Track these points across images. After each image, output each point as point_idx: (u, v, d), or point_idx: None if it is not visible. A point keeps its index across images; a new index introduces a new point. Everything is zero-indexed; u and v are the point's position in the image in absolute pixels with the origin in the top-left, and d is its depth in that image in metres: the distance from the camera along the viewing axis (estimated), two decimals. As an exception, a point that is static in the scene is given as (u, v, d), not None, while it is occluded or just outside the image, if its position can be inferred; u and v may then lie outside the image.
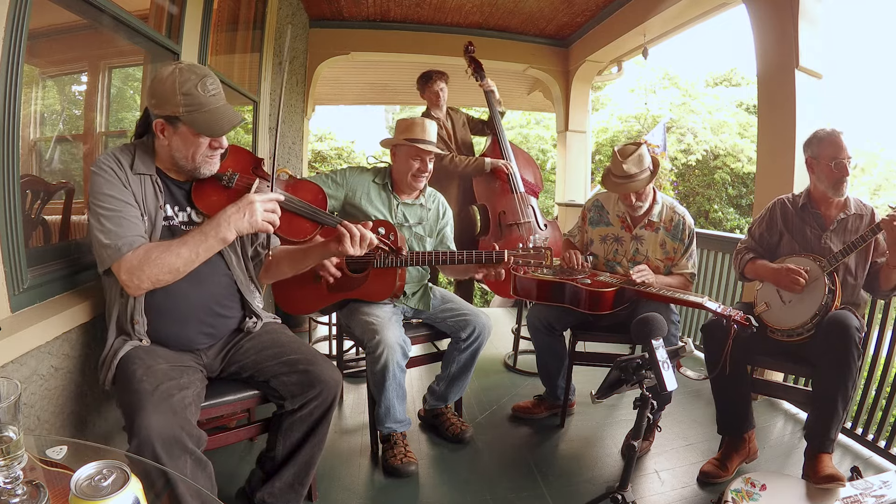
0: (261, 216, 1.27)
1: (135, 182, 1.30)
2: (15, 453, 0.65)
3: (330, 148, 11.91)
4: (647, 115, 11.92)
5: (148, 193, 1.32)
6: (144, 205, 1.31)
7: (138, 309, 1.33)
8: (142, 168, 1.32)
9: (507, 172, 3.22)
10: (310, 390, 1.41)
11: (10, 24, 1.16)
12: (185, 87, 1.23)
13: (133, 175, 1.30)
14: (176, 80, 1.24)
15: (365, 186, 2.08)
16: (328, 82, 5.76)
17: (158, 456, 1.09)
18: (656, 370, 1.33)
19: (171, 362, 1.31)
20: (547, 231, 3.27)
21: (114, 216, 1.24)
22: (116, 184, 1.26)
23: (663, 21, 3.72)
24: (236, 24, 2.93)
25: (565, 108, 5.06)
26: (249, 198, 1.27)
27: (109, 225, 1.23)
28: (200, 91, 1.24)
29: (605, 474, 1.95)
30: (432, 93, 3.29)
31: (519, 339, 3.13)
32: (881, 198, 12.99)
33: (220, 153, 1.35)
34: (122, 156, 1.31)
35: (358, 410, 2.40)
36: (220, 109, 1.27)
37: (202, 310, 1.41)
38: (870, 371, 2.13)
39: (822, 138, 1.87)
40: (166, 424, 1.12)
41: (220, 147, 1.32)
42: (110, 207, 1.24)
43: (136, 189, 1.30)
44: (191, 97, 1.24)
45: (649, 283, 2.00)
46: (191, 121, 1.25)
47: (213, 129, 1.27)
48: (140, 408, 1.12)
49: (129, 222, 1.25)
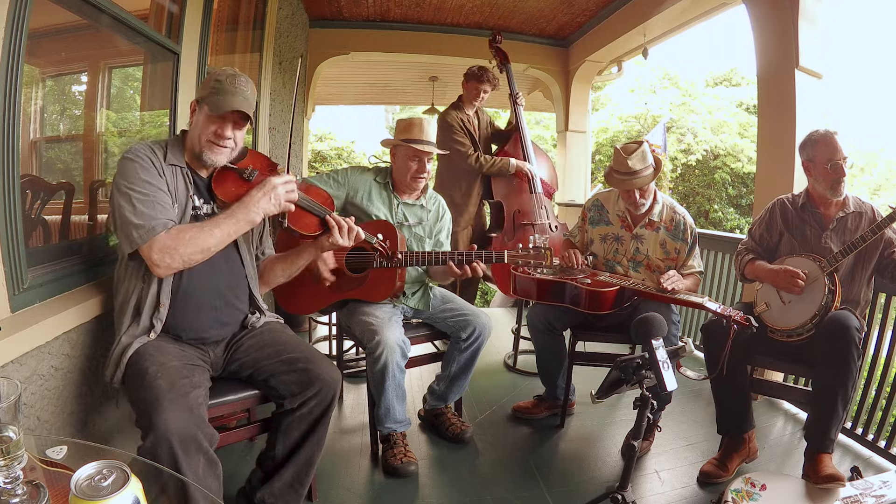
0: (284, 196, 1.39)
1: (168, 172, 1.38)
2: (15, 453, 0.65)
3: (330, 148, 11.91)
4: (647, 115, 11.91)
5: (179, 184, 1.41)
6: (176, 194, 1.39)
7: (165, 291, 1.36)
8: (174, 160, 1.41)
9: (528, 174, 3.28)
10: (309, 389, 1.42)
11: (10, 24, 1.16)
12: (218, 77, 1.40)
13: (167, 165, 1.39)
14: (217, 71, 1.42)
15: (366, 186, 2.08)
16: (328, 82, 5.76)
17: (175, 454, 1.09)
18: (656, 370, 1.33)
19: (181, 360, 1.33)
20: (557, 233, 3.29)
21: (147, 200, 1.30)
22: (151, 170, 1.34)
23: (663, 21, 3.72)
24: (236, 24, 2.93)
25: (565, 108, 5.06)
26: (272, 181, 1.39)
27: (142, 207, 1.29)
28: (227, 83, 1.38)
29: (605, 474, 1.95)
30: (475, 90, 3.29)
31: (519, 339, 3.13)
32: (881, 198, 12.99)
33: (228, 145, 1.42)
34: (156, 147, 1.40)
35: (358, 410, 2.40)
36: (232, 97, 1.37)
37: (217, 296, 1.46)
38: (870, 371, 2.13)
39: (816, 140, 1.87)
40: (184, 423, 1.13)
41: (223, 136, 1.40)
42: (144, 192, 1.31)
43: (169, 178, 1.38)
44: (219, 84, 1.38)
45: (679, 289, 1.94)
46: (209, 101, 1.37)
47: (218, 107, 1.37)
48: (157, 405, 1.13)
49: (161, 207, 1.32)
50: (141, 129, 2.11)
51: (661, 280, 1.96)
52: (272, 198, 1.38)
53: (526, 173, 3.28)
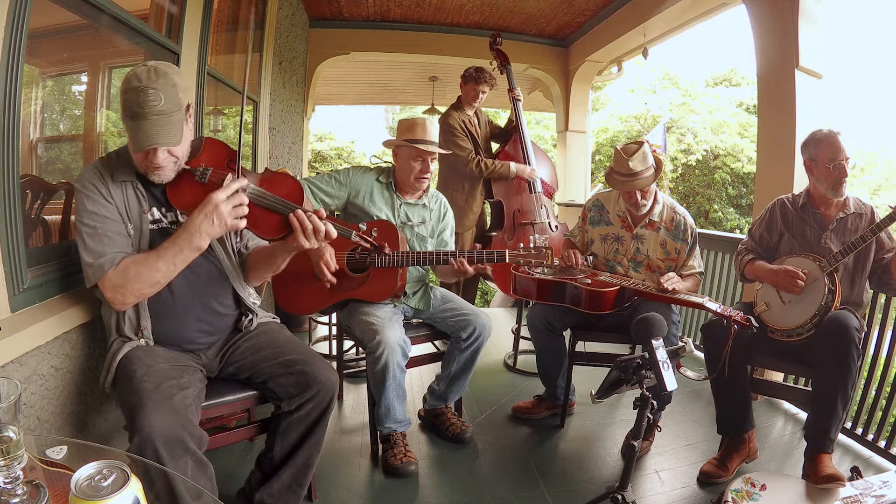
0: (229, 216, 1.22)
1: (116, 192, 1.30)
2: (15, 453, 0.65)
3: (330, 148, 11.91)
4: (647, 115, 11.92)
5: (131, 201, 1.32)
6: (129, 213, 1.31)
7: (143, 314, 1.34)
8: (122, 175, 1.32)
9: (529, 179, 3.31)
10: (307, 391, 1.41)
11: (10, 24, 1.16)
12: (125, 92, 1.19)
13: (114, 185, 1.30)
14: (124, 81, 1.19)
15: (368, 186, 2.07)
16: (328, 82, 5.76)
17: (160, 456, 1.08)
18: (656, 370, 1.33)
19: (171, 362, 1.32)
20: (557, 232, 3.30)
21: (94, 233, 1.25)
22: (97, 199, 1.27)
23: (663, 21, 3.72)
24: (236, 24, 2.93)
25: (565, 108, 5.06)
26: (213, 200, 1.20)
27: (91, 242, 1.25)
28: (134, 103, 1.17)
29: (605, 474, 1.95)
30: (474, 90, 3.32)
31: (519, 339, 3.13)
32: (881, 198, 12.99)
33: (172, 162, 1.27)
34: (103, 167, 1.31)
35: (358, 410, 2.40)
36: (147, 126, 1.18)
37: (198, 306, 1.42)
38: (870, 371, 2.13)
39: (819, 140, 1.87)
40: (168, 424, 1.12)
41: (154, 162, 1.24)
42: (91, 224, 1.25)
43: (118, 199, 1.30)
44: (127, 104, 1.18)
45: (679, 290, 1.95)
46: (126, 127, 1.21)
47: (134, 144, 1.23)
48: (141, 406, 1.12)
49: (108, 238, 1.26)
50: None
51: (662, 280, 1.96)
52: (215, 220, 1.20)
53: (527, 178, 3.31)
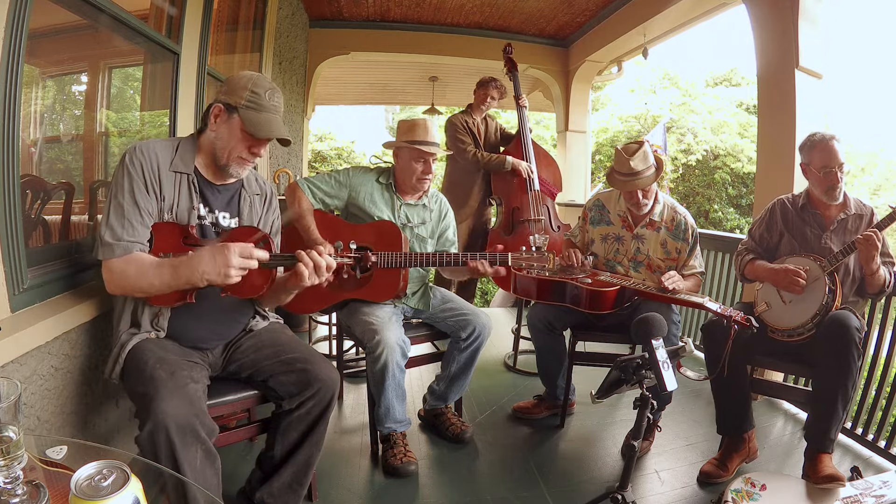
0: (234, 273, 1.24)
1: (167, 180, 1.34)
2: (15, 453, 0.65)
3: (330, 148, 11.92)
4: (647, 115, 11.92)
5: (183, 192, 1.37)
6: (176, 203, 1.36)
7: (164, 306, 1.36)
8: (181, 166, 1.37)
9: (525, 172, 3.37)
10: (307, 389, 1.41)
11: (10, 24, 1.16)
12: (255, 87, 1.35)
13: (168, 172, 1.34)
14: (252, 79, 1.36)
15: (368, 187, 2.07)
16: (328, 82, 5.76)
17: (172, 441, 1.09)
18: (656, 370, 1.33)
19: (180, 356, 1.33)
20: (558, 233, 3.32)
21: (120, 213, 1.28)
22: (139, 181, 1.30)
23: (663, 21, 3.72)
24: (236, 24, 2.93)
25: (565, 108, 5.07)
26: (229, 260, 1.22)
27: (114, 220, 1.27)
28: (266, 97, 1.35)
29: (605, 474, 1.95)
30: (484, 95, 3.46)
31: (519, 339, 3.13)
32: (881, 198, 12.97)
33: (255, 162, 1.43)
34: (163, 151, 1.35)
35: (358, 410, 2.40)
36: (273, 118, 1.36)
37: (220, 311, 1.44)
38: (870, 371, 2.13)
39: (813, 145, 1.88)
40: (183, 411, 1.13)
41: (257, 155, 1.40)
42: (121, 203, 1.28)
43: (166, 188, 1.34)
44: (256, 97, 1.34)
45: (680, 289, 1.95)
46: (245, 116, 1.34)
47: (258, 130, 1.34)
48: (155, 393, 1.14)
49: (130, 225, 1.28)
50: (141, 129, 2.11)
51: (663, 278, 1.96)
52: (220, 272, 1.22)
53: (522, 172, 3.35)
